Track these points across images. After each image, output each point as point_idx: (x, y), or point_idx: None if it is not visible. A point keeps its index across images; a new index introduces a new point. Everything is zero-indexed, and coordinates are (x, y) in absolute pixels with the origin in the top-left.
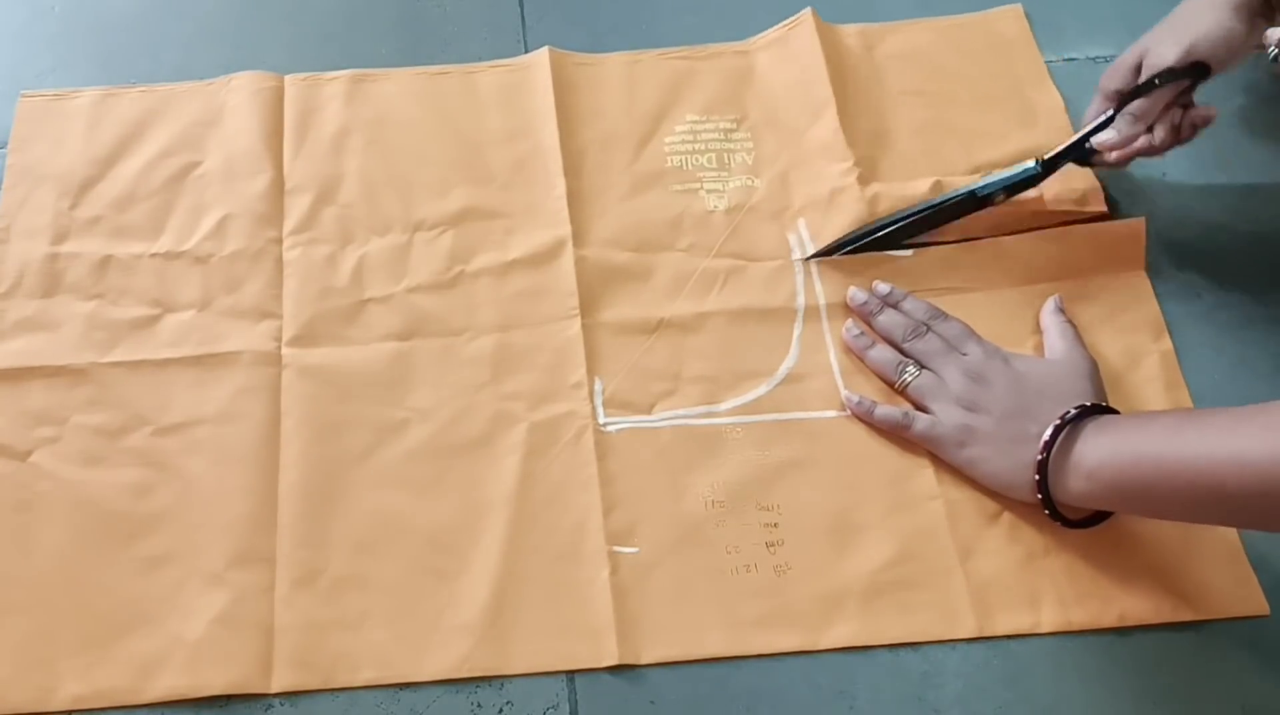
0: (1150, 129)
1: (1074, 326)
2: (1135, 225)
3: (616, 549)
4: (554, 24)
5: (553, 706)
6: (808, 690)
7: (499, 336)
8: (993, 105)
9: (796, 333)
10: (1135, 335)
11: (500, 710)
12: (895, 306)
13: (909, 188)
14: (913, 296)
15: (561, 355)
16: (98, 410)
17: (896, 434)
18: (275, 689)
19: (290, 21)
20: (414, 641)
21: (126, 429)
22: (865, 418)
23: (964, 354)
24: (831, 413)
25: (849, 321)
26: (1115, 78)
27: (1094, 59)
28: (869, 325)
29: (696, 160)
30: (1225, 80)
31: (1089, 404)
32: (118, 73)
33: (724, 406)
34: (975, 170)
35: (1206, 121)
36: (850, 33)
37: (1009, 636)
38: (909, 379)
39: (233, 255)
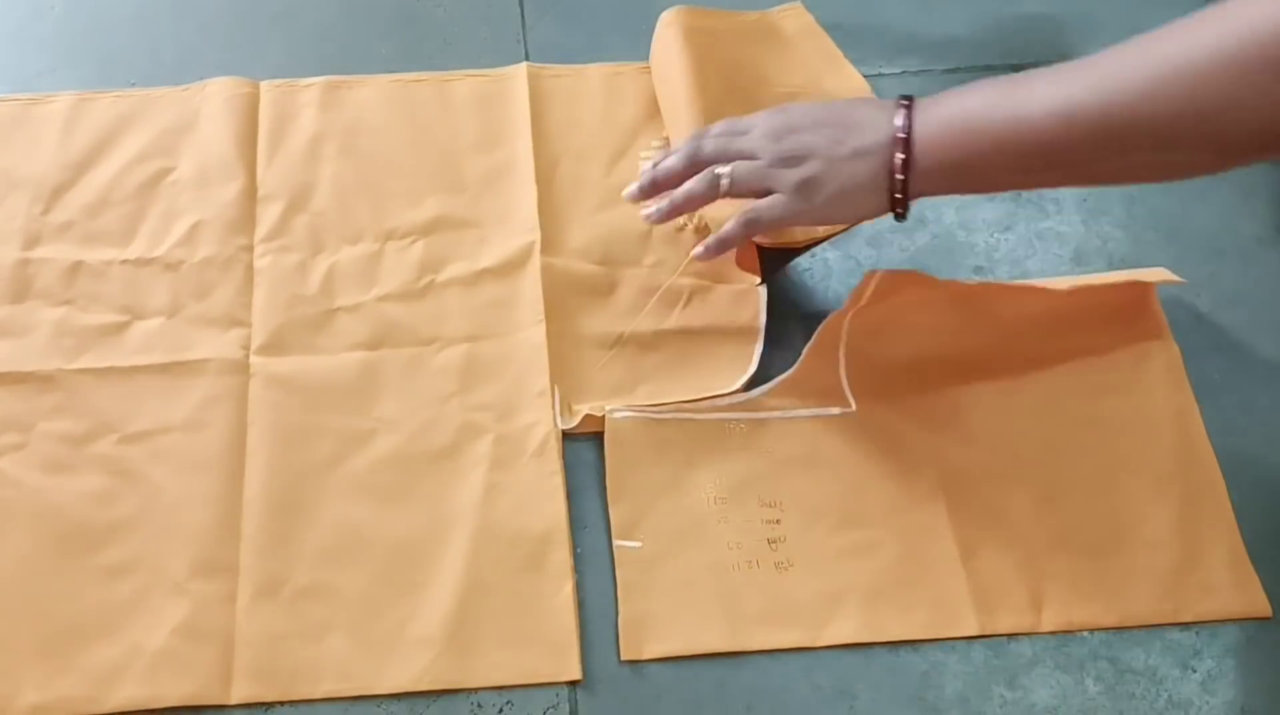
0: None
1: None
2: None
3: (620, 543)
4: (554, 24)
5: (552, 706)
6: (808, 690)
7: (468, 347)
8: None
9: (757, 352)
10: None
11: (500, 710)
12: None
13: None
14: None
15: (527, 365)
16: (64, 417)
17: (712, 195)
18: (234, 700)
19: (289, 21)
20: (375, 653)
21: (92, 436)
22: (672, 209)
23: (754, 127)
24: (836, 410)
25: (644, 205)
26: None
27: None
28: (654, 187)
29: None
30: None
31: (911, 96)
32: (118, 72)
33: (726, 401)
34: None
35: None
36: None
37: (1009, 636)
38: (726, 178)
39: (203, 262)
